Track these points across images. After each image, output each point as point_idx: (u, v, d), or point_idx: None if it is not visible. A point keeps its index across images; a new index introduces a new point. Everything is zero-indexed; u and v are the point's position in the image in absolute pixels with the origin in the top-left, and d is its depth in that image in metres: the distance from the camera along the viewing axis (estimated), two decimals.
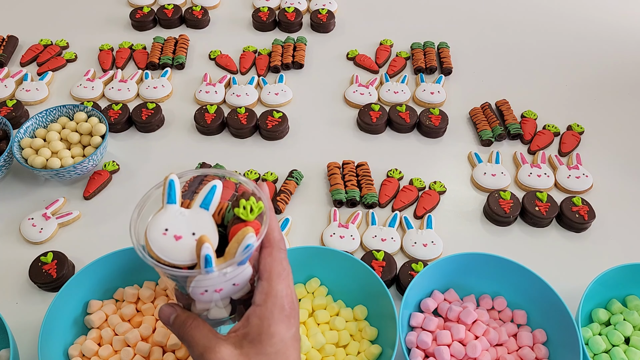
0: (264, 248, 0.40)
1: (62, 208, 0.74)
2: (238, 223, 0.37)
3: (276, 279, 0.39)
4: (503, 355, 0.58)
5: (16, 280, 0.67)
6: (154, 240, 0.36)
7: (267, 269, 0.39)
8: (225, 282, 0.38)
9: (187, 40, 0.99)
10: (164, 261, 0.36)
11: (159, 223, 0.37)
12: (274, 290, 0.39)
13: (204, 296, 0.39)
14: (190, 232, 0.37)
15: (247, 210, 0.36)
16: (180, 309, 0.41)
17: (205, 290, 0.38)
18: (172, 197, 0.38)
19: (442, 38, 1.01)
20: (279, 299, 0.39)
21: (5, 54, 0.95)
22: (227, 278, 0.38)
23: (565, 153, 0.83)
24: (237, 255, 0.36)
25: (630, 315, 0.61)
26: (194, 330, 0.39)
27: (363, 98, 0.89)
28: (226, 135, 0.85)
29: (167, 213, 0.37)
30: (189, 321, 0.40)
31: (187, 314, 0.41)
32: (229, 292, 0.40)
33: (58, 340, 0.57)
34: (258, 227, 0.37)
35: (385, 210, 0.76)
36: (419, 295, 0.63)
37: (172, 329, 0.41)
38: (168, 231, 0.37)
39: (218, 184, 0.39)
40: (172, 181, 0.38)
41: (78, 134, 0.77)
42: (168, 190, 0.38)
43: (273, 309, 0.38)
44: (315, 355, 0.58)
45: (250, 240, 0.36)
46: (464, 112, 0.89)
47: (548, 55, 1.00)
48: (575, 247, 0.72)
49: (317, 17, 1.02)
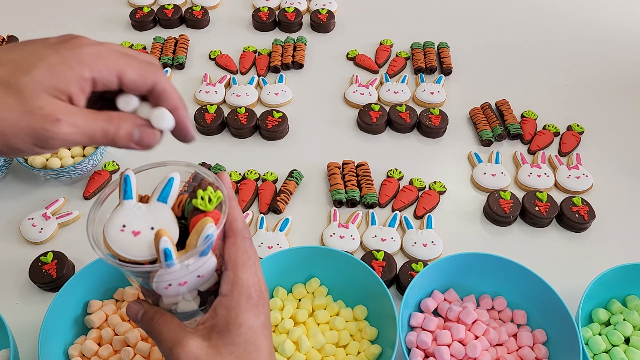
0: (228, 237, 0.40)
1: (62, 208, 0.75)
2: (197, 214, 0.36)
3: (241, 267, 0.39)
4: (503, 355, 0.58)
5: (16, 280, 0.67)
6: (112, 238, 0.36)
7: (231, 259, 0.39)
8: (188, 275, 0.38)
9: (187, 40, 0.99)
10: (125, 258, 0.36)
11: (116, 220, 0.36)
12: (239, 279, 0.38)
13: (168, 290, 0.38)
14: (148, 226, 0.36)
15: (206, 201, 0.36)
16: (148, 305, 0.41)
17: (169, 284, 0.38)
18: (128, 193, 0.37)
19: (442, 38, 1.01)
20: (245, 288, 0.38)
21: None
22: (190, 270, 0.37)
23: (565, 153, 0.83)
24: (198, 246, 0.35)
25: (630, 315, 0.61)
26: (162, 326, 0.39)
27: (363, 98, 0.89)
28: (226, 135, 0.85)
29: (124, 209, 0.37)
30: (157, 317, 0.39)
31: (155, 309, 0.40)
32: (194, 284, 0.39)
33: (58, 340, 0.57)
34: (218, 217, 0.37)
35: (385, 210, 0.76)
36: (419, 295, 0.63)
37: (141, 325, 0.40)
38: (126, 227, 0.36)
39: (176, 176, 0.38)
40: (127, 176, 0.38)
41: None
42: (124, 186, 0.38)
43: (239, 298, 0.38)
44: (315, 355, 0.58)
45: (209, 230, 0.35)
46: (464, 112, 0.89)
47: (548, 55, 1.00)
48: (575, 247, 0.72)
49: (317, 17, 1.02)
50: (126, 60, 0.35)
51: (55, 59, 0.32)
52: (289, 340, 0.57)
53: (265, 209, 0.74)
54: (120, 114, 0.35)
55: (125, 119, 0.35)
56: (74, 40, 0.34)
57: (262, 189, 0.76)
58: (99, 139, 0.34)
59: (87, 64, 0.33)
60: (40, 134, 0.32)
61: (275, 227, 0.72)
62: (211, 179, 0.39)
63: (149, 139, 0.37)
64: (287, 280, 0.64)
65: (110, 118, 0.34)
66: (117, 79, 0.35)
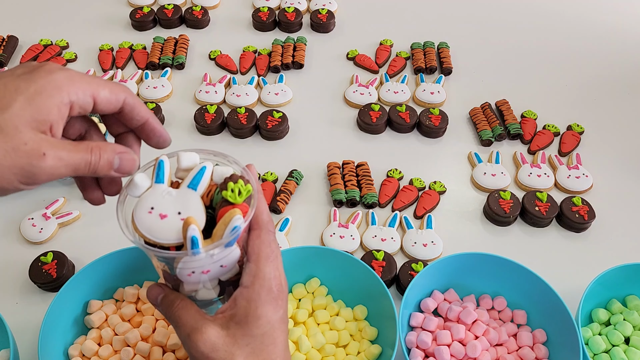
0: (253, 230, 0.40)
1: (62, 208, 0.75)
2: (226, 205, 0.37)
3: (264, 261, 0.39)
4: (503, 355, 0.58)
5: (16, 280, 0.67)
6: (140, 219, 0.36)
7: (255, 251, 0.39)
8: (212, 264, 0.38)
9: (187, 40, 0.99)
10: (150, 240, 0.36)
11: (145, 202, 0.37)
12: (261, 272, 0.39)
13: (191, 277, 0.39)
14: (176, 211, 0.37)
15: (235, 193, 0.36)
16: (169, 289, 0.41)
17: (192, 272, 0.38)
18: (160, 177, 0.38)
19: (442, 38, 1.01)
20: (266, 281, 0.39)
21: (5, 54, 0.95)
22: (215, 260, 0.38)
23: (565, 153, 0.83)
24: (224, 237, 0.36)
25: (630, 315, 0.61)
26: (181, 311, 0.39)
27: (363, 98, 0.89)
28: (226, 135, 0.85)
29: (154, 192, 0.37)
30: (177, 302, 0.40)
31: (175, 294, 0.41)
32: (216, 273, 0.40)
33: (58, 340, 0.57)
34: (246, 210, 0.37)
35: (385, 210, 0.76)
36: (419, 295, 0.63)
37: (160, 309, 0.41)
38: (154, 210, 0.37)
39: (208, 165, 0.39)
40: (161, 161, 0.39)
41: None
42: (157, 170, 0.38)
43: (260, 291, 0.38)
44: (315, 355, 0.58)
45: (237, 222, 0.36)
46: (464, 112, 0.89)
47: (548, 55, 1.00)
48: (575, 247, 0.72)
49: (317, 17, 1.02)
50: (97, 82, 0.36)
51: (33, 89, 0.32)
52: (289, 340, 0.57)
53: None
54: (99, 143, 0.36)
55: (105, 148, 0.36)
56: (43, 67, 0.34)
57: (262, 189, 0.76)
58: (82, 170, 0.35)
59: (64, 89, 0.33)
60: (27, 170, 0.32)
61: (275, 227, 0.72)
62: (241, 172, 0.39)
63: (128, 166, 0.38)
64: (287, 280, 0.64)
65: (91, 148, 0.35)
66: (92, 100, 0.35)
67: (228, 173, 0.39)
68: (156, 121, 0.40)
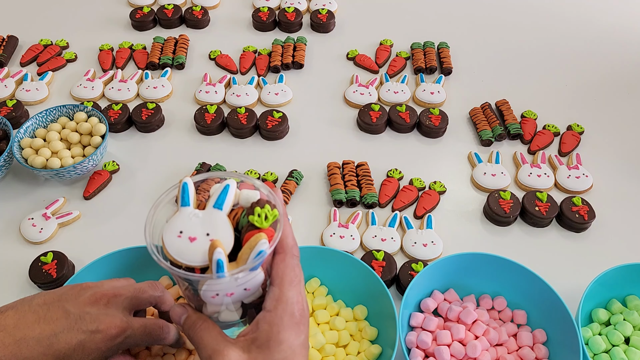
0: (277, 254, 0.41)
1: (62, 208, 0.74)
2: (252, 229, 0.37)
3: (288, 285, 0.39)
4: (503, 355, 0.58)
5: (16, 280, 0.67)
6: (170, 243, 0.37)
7: (279, 275, 0.40)
8: (236, 287, 0.39)
9: (187, 40, 0.99)
10: (180, 263, 0.37)
11: (174, 226, 0.38)
12: (284, 296, 0.39)
13: (215, 299, 0.39)
14: (204, 232, 0.37)
15: (262, 218, 0.37)
16: (192, 309, 0.42)
17: (216, 294, 0.39)
18: (185, 200, 0.38)
19: (442, 38, 1.01)
20: (289, 305, 0.39)
21: (5, 54, 0.95)
22: (239, 283, 0.38)
23: (565, 153, 0.83)
24: (249, 262, 0.36)
25: (630, 315, 0.61)
26: (204, 332, 0.40)
27: (363, 98, 0.89)
28: (226, 135, 0.85)
29: (181, 215, 0.38)
30: (199, 322, 0.40)
31: (198, 315, 0.41)
32: (240, 296, 0.40)
33: None
34: (271, 234, 0.37)
35: (385, 210, 0.76)
36: (419, 295, 0.63)
37: (183, 328, 0.41)
38: (183, 233, 0.37)
39: (232, 183, 0.39)
40: (185, 184, 0.39)
41: (78, 134, 0.77)
42: (182, 193, 0.39)
43: (283, 316, 0.38)
44: (315, 355, 0.58)
45: (262, 247, 0.36)
46: (464, 112, 0.89)
47: (548, 55, 1.00)
48: (575, 247, 0.72)
49: (317, 17, 1.02)
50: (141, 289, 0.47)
51: None
52: None
53: None
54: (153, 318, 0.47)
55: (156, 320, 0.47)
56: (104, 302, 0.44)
57: None
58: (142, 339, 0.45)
59: None
60: None
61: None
62: (268, 196, 0.40)
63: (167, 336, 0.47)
64: None
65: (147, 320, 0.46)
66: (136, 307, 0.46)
67: (255, 197, 0.39)
68: None
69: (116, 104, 0.85)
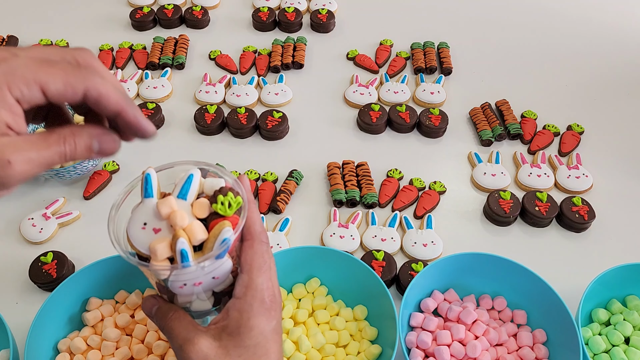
0: (245, 240, 0.40)
1: (62, 208, 0.74)
2: (217, 218, 0.37)
3: (257, 271, 0.39)
4: (503, 355, 0.58)
5: (16, 280, 0.67)
6: (134, 235, 0.37)
7: (247, 262, 0.39)
8: (204, 276, 0.38)
9: (187, 40, 0.99)
10: (146, 255, 0.36)
11: (137, 218, 0.37)
12: (254, 283, 0.39)
13: (183, 289, 0.39)
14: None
15: (225, 206, 0.36)
16: (163, 301, 0.42)
17: (184, 284, 0.39)
18: (149, 192, 0.38)
19: (442, 38, 1.01)
20: (259, 292, 0.39)
21: None
22: (206, 272, 0.38)
23: (565, 153, 0.83)
24: (214, 249, 0.36)
25: (630, 315, 0.61)
26: (174, 322, 0.39)
27: (363, 98, 0.89)
28: (226, 135, 0.85)
29: (145, 207, 0.37)
30: (170, 313, 0.40)
31: (169, 306, 0.41)
32: (209, 285, 0.40)
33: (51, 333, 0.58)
34: (236, 221, 0.37)
35: (385, 210, 0.76)
36: (419, 295, 0.63)
37: (154, 320, 0.41)
38: (147, 225, 0.37)
39: (195, 172, 0.38)
40: (148, 175, 0.38)
41: None
42: (145, 184, 0.38)
43: (253, 302, 0.38)
44: (315, 355, 0.58)
45: (226, 235, 0.36)
46: (464, 112, 0.89)
47: (548, 55, 1.00)
48: (575, 247, 0.72)
49: (317, 17, 1.02)
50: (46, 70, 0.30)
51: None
52: (289, 340, 0.57)
53: (265, 209, 0.74)
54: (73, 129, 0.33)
55: (80, 133, 0.33)
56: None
57: (262, 189, 0.76)
58: (57, 163, 0.32)
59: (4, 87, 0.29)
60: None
61: (275, 227, 0.72)
62: (231, 183, 0.39)
63: (109, 147, 0.34)
64: (287, 280, 0.64)
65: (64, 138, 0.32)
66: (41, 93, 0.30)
67: (218, 185, 0.38)
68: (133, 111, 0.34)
69: None
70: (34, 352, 0.54)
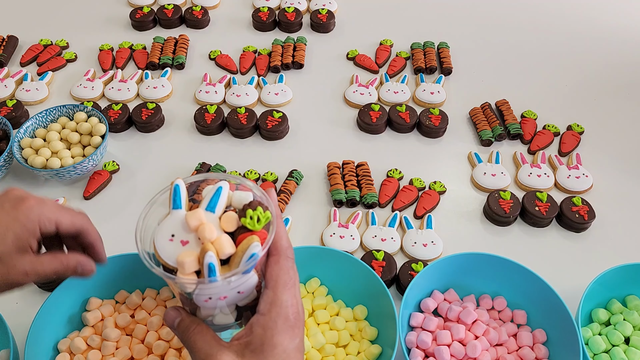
0: (271, 256, 0.40)
1: None
2: (245, 232, 0.37)
3: (282, 288, 0.39)
4: (503, 355, 0.58)
5: None
6: (162, 247, 0.36)
7: (273, 278, 0.39)
8: (229, 290, 0.38)
9: (187, 40, 0.99)
10: (172, 267, 0.36)
11: (165, 229, 0.37)
12: (279, 299, 0.38)
13: (208, 303, 0.39)
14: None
15: (254, 220, 0.36)
16: (185, 313, 0.41)
17: (209, 298, 0.38)
18: (177, 203, 0.38)
19: (442, 38, 1.01)
20: (283, 308, 0.38)
21: (5, 54, 0.95)
22: (232, 286, 0.38)
23: (565, 153, 0.83)
24: (241, 265, 0.36)
25: (630, 315, 0.61)
26: (197, 336, 0.39)
27: (363, 98, 0.89)
28: (226, 135, 0.85)
29: (173, 219, 0.37)
30: (193, 326, 0.40)
31: (192, 318, 0.41)
32: (234, 299, 0.40)
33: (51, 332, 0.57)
34: (264, 237, 0.37)
35: (385, 210, 0.76)
36: (419, 295, 0.63)
37: (176, 332, 0.41)
38: (175, 237, 0.36)
39: (224, 185, 0.38)
40: (177, 186, 0.38)
41: (78, 134, 0.77)
42: (173, 195, 0.38)
43: (277, 319, 0.38)
44: (315, 355, 0.58)
45: (255, 250, 0.35)
46: (464, 112, 0.89)
47: (548, 55, 1.00)
48: (575, 247, 0.72)
49: (317, 17, 1.02)
50: (61, 212, 0.46)
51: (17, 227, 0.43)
52: None
53: None
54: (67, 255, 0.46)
55: (69, 258, 0.46)
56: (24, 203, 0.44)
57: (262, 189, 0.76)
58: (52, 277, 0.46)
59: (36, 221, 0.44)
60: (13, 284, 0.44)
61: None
62: (261, 198, 0.39)
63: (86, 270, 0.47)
64: None
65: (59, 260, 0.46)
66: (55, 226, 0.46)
67: (247, 199, 0.38)
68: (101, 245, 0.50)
69: (116, 104, 0.85)
70: (34, 352, 0.54)
